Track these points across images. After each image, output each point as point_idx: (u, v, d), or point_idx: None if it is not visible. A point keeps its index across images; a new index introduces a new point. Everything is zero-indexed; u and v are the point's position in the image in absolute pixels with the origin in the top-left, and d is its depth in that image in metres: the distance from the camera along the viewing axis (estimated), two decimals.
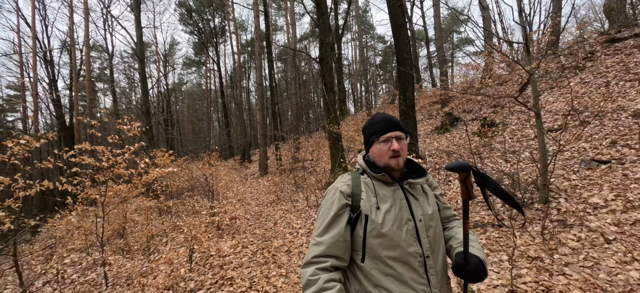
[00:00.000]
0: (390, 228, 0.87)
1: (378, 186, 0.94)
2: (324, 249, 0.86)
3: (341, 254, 0.88)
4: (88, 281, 2.90)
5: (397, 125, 0.95)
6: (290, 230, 4.08)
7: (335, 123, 6.32)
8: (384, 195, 0.92)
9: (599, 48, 6.89)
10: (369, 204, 0.90)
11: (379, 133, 0.94)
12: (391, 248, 0.86)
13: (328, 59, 6.70)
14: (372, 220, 0.88)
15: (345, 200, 0.91)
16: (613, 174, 3.26)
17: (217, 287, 2.56)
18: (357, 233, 0.89)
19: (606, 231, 2.48)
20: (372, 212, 0.89)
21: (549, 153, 4.42)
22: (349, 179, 0.97)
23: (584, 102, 5.29)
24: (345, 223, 0.89)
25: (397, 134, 0.94)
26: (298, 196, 6.01)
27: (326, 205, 0.93)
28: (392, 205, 0.90)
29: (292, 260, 3.11)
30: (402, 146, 0.93)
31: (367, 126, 1.01)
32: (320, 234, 0.89)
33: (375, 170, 0.95)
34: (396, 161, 0.92)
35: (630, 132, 3.92)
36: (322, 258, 0.86)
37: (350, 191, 0.93)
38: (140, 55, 10.94)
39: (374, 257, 0.87)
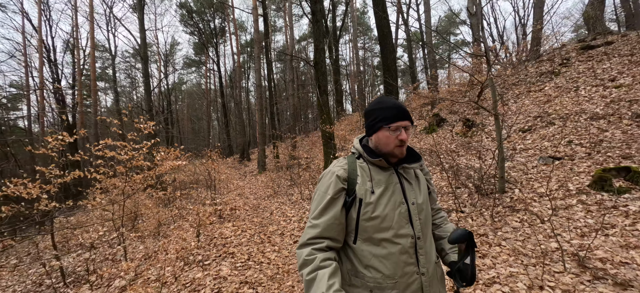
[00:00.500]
0: (383, 211, 0.90)
1: (374, 170, 0.96)
2: (319, 231, 0.89)
3: (336, 236, 0.91)
4: (111, 254, 3.43)
5: (408, 114, 0.96)
6: (284, 218, 4.61)
7: (329, 123, 6.84)
8: (379, 180, 0.94)
9: (574, 54, 7.43)
10: (364, 188, 0.92)
11: (390, 120, 0.93)
12: (383, 230, 0.89)
13: (322, 63, 7.22)
14: (366, 204, 0.90)
15: (342, 184, 0.93)
16: (562, 169, 3.80)
17: (221, 259, 3.09)
18: (351, 216, 0.92)
19: (543, 214, 3.02)
20: (367, 196, 0.91)
21: (510, 150, 4.97)
22: (345, 164, 0.98)
23: (554, 105, 5.83)
24: (340, 207, 0.91)
25: (406, 124, 0.94)
26: (293, 191, 6.53)
27: (322, 188, 0.95)
28: (386, 189, 0.93)
29: (285, 241, 3.64)
30: (408, 135, 0.95)
31: (375, 110, 0.99)
32: (316, 217, 0.91)
33: (372, 155, 0.97)
34: (401, 150, 0.94)
35: (585, 132, 4.46)
36: (318, 239, 0.89)
37: (346, 176, 0.94)
38: (143, 57, 11.45)
39: (366, 239, 0.90)
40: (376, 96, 25.57)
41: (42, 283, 3.40)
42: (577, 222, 2.74)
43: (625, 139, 3.90)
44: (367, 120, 1.01)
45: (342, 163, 0.98)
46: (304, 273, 0.84)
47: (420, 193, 0.98)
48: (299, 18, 23.39)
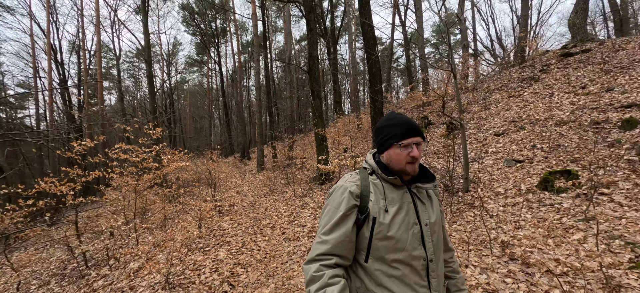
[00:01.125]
0: (397, 231, 0.88)
1: (387, 188, 0.94)
2: (329, 248, 0.87)
3: (346, 253, 0.89)
4: (124, 243, 4.02)
5: (419, 130, 0.96)
6: (276, 214, 5.18)
7: (321, 126, 7.39)
8: (393, 198, 0.92)
9: (554, 61, 7.90)
10: (377, 206, 0.90)
11: (401, 137, 0.93)
12: (396, 251, 0.88)
13: (315, 69, 7.75)
14: (380, 223, 0.88)
15: (354, 200, 0.91)
16: (521, 171, 4.32)
17: (219, 246, 3.66)
18: (362, 234, 0.90)
19: (493, 210, 3.55)
20: (381, 215, 0.89)
21: (482, 152, 5.49)
22: (358, 179, 0.97)
23: (528, 111, 6.33)
24: (352, 224, 0.90)
25: (418, 140, 0.94)
26: (287, 189, 7.09)
27: (334, 204, 0.93)
28: (400, 208, 0.91)
29: (275, 232, 4.20)
30: (420, 152, 0.94)
31: (386, 127, 0.98)
32: (327, 233, 0.89)
33: (387, 172, 0.95)
34: (413, 167, 0.93)
35: (548, 138, 4.96)
36: (327, 256, 0.87)
37: (359, 192, 0.93)
38: (147, 60, 12.04)
39: (379, 258, 0.89)
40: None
41: (66, 267, 3.99)
42: (518, 216, 3.27)
43: (578, 144, 4.40)
44: (378, 137, 1.00)
45: (355, 179, 0.96)
46: (312, 290, 0.83)
47: (433, 213, 0.97)
48: (299, 19, 23.87)
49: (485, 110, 7.42)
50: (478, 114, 7.42)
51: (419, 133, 0.95)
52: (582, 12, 8.97)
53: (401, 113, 0.92)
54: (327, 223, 0.90)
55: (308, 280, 0.86)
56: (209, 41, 22.01)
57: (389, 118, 1.00)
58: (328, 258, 0.87)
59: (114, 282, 3.07)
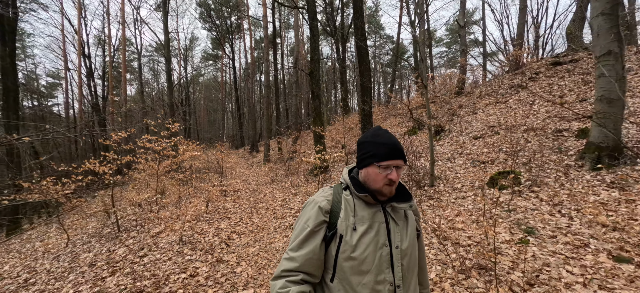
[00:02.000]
0: (363, 252, 0.86)
1: (359, 205, 0.92)
2: (296, 265, 0.87)
3: (313, 271, 0.89)
4: (147, 217, 5.07)
5: (401, 153, 0.92)
6: (272, 199, 6.12)
7: (320, 124, 8.25)
8: (363, 216, 0.90)
9: (544, 70, 8.37)
10: (345, 224, 0.89)
11: (381, 157, 0.90)
12: (361, 274, 0.86)
13: (317, 72, 8.60)
14: (346, 242, 0.87)
15: (323, 216, 0.90)
16: (481, 171, 5.03)
17: (221, 220, 4.63)
18: (330, 252, 0.89)
19: (446, 201, 4.31)
20: (348, 233, 0.88)
21: (456, 153, 6.19)
22: (330, 194, 0.96)
23: (508, 117, 6.93)
24: (320, 241, 0.89)
25: (398, 163, 0.91)
26: (287, 180, 8.03)
27: (303, 219, 0.92)
28: (370, 228, 0.89)
29: (268, 213, 5.13)
30: (399, 175, 0.91)
31: (367, 143, 0.95)
32: (294, 249, 0.89)
33: (359, 189, 0.93)
34: (390, 189, 0.91)
35: (515, 142, 5.61)
36: (293, 273, 0.87)
37: (329, 208, 0.92)
38: (167, 56, 13.24)
39: (343, 279, 0.87)
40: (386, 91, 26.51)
41: (102, 231, 5.09)
42: (461, 206, 4.03)
43: (536, 149, 5.05)
44: (359, 152, 0.98)
45: (327, 194, 0.96)
46: None
47: (406, 236, 0.93)
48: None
49: (472, 114, 8.04)
50: (465, 118, 8.05)
51: (401, 155, 0.92)
52: (580, 21, 9.32)
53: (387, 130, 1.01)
54: (296, 238, 0.90)
55: None
56: (224, 36, 23.18)
57: (373, 134, 0.96)
58: (294, 274, 0.86)
59: (141, 241, 4.09)
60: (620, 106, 3.91)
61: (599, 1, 3.96)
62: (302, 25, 22.43)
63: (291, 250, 0.90)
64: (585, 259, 2.43)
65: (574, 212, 3.16)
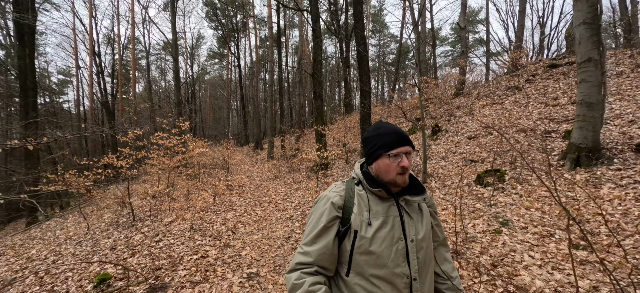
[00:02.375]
0: (379, 247, 0.87)
1: (372, 200, 0.94)
2: (310, 259, 0.88)
3: (327, 265, 0.90)
4: (159, 208, 5.52)
5: (408, 139, 0.94)
6: (275, 193, 6.52)
7: (321, 123, 8.62)
8: (377, 211, 0.91)
9: (540, 72, 8.61)
10: (360, 219, 0.90)
11: (389, 146, 0.92)
12: (377, 267, 0.87)
13: (319, 73, 8.96)
14: (361, 236, 0.88)
15: (336, 212, 0.92)
16: (471, 169, 5.35)
17: (227, 211, 5.05)
18: (344, 247, 0.90)
19: (437, 197, 4.66)
20: (363, 228, 0.89)
21: (451, 152, 6.50)
22: (342, 190, 0.97)
23: (502, 118, 7.21)
24: (333, 236, 0.90)
25: (407, 150, 0.93)
26: (289, 176, 8.43)
27: (316, 215, 0.94)
28: (384, 222, 0.90)
29: (270, 206, 5.54)
30: (410, 162, 0.93)
31: (374, 137, 0.97)
32: (308, 244, 0.91)
33: (372, 184, 0.95)
34: (403, 178, 0.92)
35: (505, 142, 5.91)
36: (307, 266, 0.89)
37: (342, 203, 0.93)
38: (175, 56, 13.72)
39: (359, 273, 0.88)
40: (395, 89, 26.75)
41: (118, 220, 5.54)
42: (449, 201, 4.38)
43: (523, 149, 5.36)
44: (366, 148, 1.00)
45: (339, 189, 0.97)
46: None
47: (421, 228, 0.94)
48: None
49: (469, 115, 8.33)
50: (462, 118, 8.34)
51: (408, 141, 0.94)
52: None
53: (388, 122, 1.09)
54: (309, 233, 0.91)
55: (290, 288, 0.86)
56: (230, 35, 23.65)
57: (376, 128, 0.99)
58: (308, 266, 0.88)
59: (155, 228, 4.52)
60: (599, 110, 4.21)
61: (581, 10, 4.26)
62: (306, 25, 22.74)
63: (305, 245, 0.91)
64: (547, 247, 2.78)
65: (547, 207, 3.50)
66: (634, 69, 6.76)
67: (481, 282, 2.40)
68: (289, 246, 3.64)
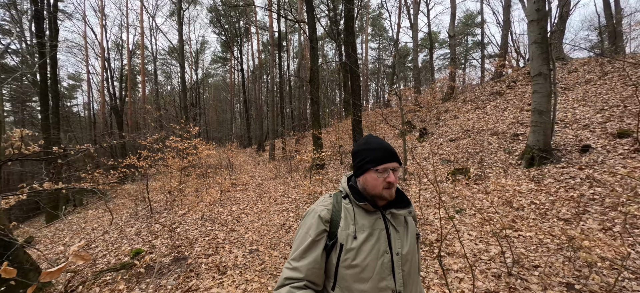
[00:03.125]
0: (364, 260, 0.89)
1: (358, 213, 0.95)
2: (299, 275, 0.89)
3: (316, 280, 0.91)
4: (172, 203, 6.38)
5: (395, 155, 0.97)
6: (274, 190, 7.35)
7: (317, 127, 9.45)
8: (363, 225, 0.93)
9: (521, 78, 9.34)
10: (346, 232, 0.92)
11: (377, 162, 0.95)
12: (362, 281, 0.88)
13: (315, 80, 9.79)
14: (347, 250, 0.90)
15: (324, 225, 0.93)
16: (446, 168, 6.12)
17: (232, 205, 5.89)
18: (330, 261, 0.92)
19: (412, 191, 5.44)
20: (348, 241, 0.90)
21: (432, 153, 7.27)
22: (329, 203, 0.99)
23: (481, 122, 7.96)
24: (321, 250, 0.92)
25: (394, 166, 0.95)
26: (289, 176, 9.26)
27: (304, 228, 0.95)
28: (370, 235, 0.92)
29: (270, 200, 6.36)
30: (396, 178, 0.95)
31: (361, 151, 1.00)
32: (296, 259, 0.91)
33: (359, 198, 0.97)
34: (389, 192, 0.94)
35: (479, 144, 6.67)
36: (296, 281, 0.89)
37: (329, 217, 0.95)
38: (181, 63, 14.66)
39: (345, 287, 0.90)
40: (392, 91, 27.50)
41: (137, 213, 6.41)
42: (421, 195, 5.16)
43: (493, 150, 6.12)
44: (355, 160, 1.02)
45: (327, 203, 0.99)
46: None
47: (407, 242, 0.96)
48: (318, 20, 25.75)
49: (454, 118, 9.09)
50: (448, 122, 9.11)
51: (395, 158, 0.96)
52: (560, 32, 10.23)
53: (377, 136, 1.09)
54: (297, 248, 0.93)
55: None
56: (233, 40, 24.61)
57: (366, 142, 1.01)
58: (297, 282, 0.89)
59: (171, 218, 5.38)
60: (549, 116, 4.98)
61: (533, 32, 5.04)
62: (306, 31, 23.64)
63: (293, 260, 0.92)
64: (484, 228, 3.56)
65: (495, 198, 4.27)
66: (601, 76, 7.49)
67: (424, 250, 3.20)
68: (283, 231, 4.46)
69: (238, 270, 3.13)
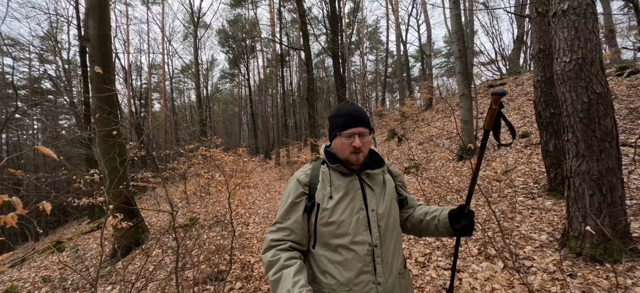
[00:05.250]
0: (340, 216, 0.97)
1: (334, 176, 1.04)
2: (283, 235, 0.99)
3: (299, 239, 1.00)
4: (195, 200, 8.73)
5: (362, 120, 1.03)
6: (278, 187, 9.61)
7: (314, 137, 11.72)
8: (339, 185, 1.02)
9: (481, 91, 11.44)
10: (322, 193, 1.01)
11: (342, 127, 1.02)
12: (339, 236, 0.97)
13: (312, 99, 12.11)
14: (323, 208, 0.99)
15: (302, 188, 1.03)
16: (407, 166, 8.25)
17: (247, 196, 8.17)
18: (310, 221, 1.02)
19: None
20: (324, 201, 0.99)
21: (405, 155, 9.41)
22: (308, 169, 1.09)
23: (446, 129, 10.06)
24: (302, 211, 1.01)
25: (360, 130, 1.02)
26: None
27: (286, 194, 1.05)
28: (345, 194, 1.00)
29: (275, 193, 8.62)
30: (364, 143, 1.02)
31: (332, 117, 1.09)
32: (279, 220, 1.01)
33: (333, 161, 1.05)
34: (356, 157, 1.02)
35: (439, 147, 8.78)
36: (281, 242, 0.98)
37: (307, 181, 1.05)
38: (197, 84, 17.23)
39: (324, 244, 0.99)
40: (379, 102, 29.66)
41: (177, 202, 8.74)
42: None
43: (443, 150, 8.22)
44: (329, 127, 1.12)
45: (306, 169, 1.09)
46: (270, 275, 0.91)
47: (382, 200, 1.03)
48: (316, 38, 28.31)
49: (427, 126, 11.23)
50: (421, 129, 11.26)
51: (363, 123, 1.02)
52: (517, 50, 12.36)
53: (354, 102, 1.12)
54: (280, 211, 1.03)
55: (266, 266, 0.94)
56: (240, 57, 27.34)
57: (338, 108, 1.09)
58: (282, 243, 0.98)
59: (204, 205, 7.68)
60: (471, 124, 7.13)
61: (457, 65, 7.24)
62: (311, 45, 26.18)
63: (277, 222, 1.02)
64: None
65: (428, 182, 6.42)
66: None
67: None
68: None
69: (255, 224, 5.39)
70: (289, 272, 0.88)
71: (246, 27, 25.82)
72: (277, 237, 0.99)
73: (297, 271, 0.89)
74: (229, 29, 26.52)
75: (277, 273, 0.89)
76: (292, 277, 0.86)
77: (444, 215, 1.07)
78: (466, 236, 1.03)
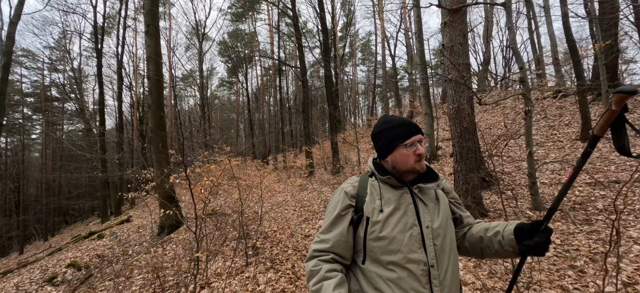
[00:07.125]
0: (391, 231, 0.95)
1: (384, 189, 1.04)
2: (326, 246, 0.99)
3: (342, 253, 1.00)
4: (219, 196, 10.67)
5: (418, 128, 1.05)
6: (277, 188, 11.56)
7: (308, 145, 13.71)
8: (389, 198, 1.01)
9: None
10: (372, 206, 1.00)
11: (404, 137, 1.03)
12: (391, 253, 0.94)
13: (307, 111, 14.11)
14: (373, 222, 0.97)
15: (349, 200, 1.04)
16: None
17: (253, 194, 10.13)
18: (358, 235, 1.01)
19: None
20: (374, 214, 0.98)
21: None
22: (356, 181, 1.09)
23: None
24: (347, 224, 1.01)
25: (420, 138, 1.04)
26: (287, 180, 13.47)
27: (332, 205, 1.06)
28: (396, 208, 0.99)
29: (276, 194, 10.57)
30: (423, 148, 1.03)
31: (385, 130, 1.08)
32: (324, 232, 1.02)
33: (382, 172, 1.06)
34: (421, 165, 1.03)
35: None
36: (323, 253, 0.99)
37: (355, 193, 1.05)
38: (201, 94, 19.15)
39: (374, 259, 0.97)
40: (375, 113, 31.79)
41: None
42: None
43: None
44: (378, 142, 1.10)
45: (353, 181, 1.09)
46: (310, 284, 0.93)
47: (437, 216, 1.00)
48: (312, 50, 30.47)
49: None
50: None
51: (419, 129, 1.05)
52: (485, 65, 14.56)
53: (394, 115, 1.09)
54: (326, 222, 1.03)
55: (307, 275, 0.97)
56: (238, 66, 29.28)
57: (386, 121, 1.09)
58: (325, 254, 0.98)
59: (218, 204, 9.59)
60: (433, 136, 9.19)
61: (421, 89, 9.32)
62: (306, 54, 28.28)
63: (321, 233, 1.03)
64: None
65: None
66: (494, 106, 11.74)
67: None
68: (284, 203, 8.64)
69: (265, 211, 7.34)
70: (329, 284, 0.91)
71: (245, 39, 27.81)
72: (320, 248, 1.01)
73: (338, 284, 0.91)
74: (228, 41, 28.50)
75: (317, 283, 0.93)
76: (332, 289, 0.89)
77: (509, 230, 0.99)
78: (537, 255, 0.92)
